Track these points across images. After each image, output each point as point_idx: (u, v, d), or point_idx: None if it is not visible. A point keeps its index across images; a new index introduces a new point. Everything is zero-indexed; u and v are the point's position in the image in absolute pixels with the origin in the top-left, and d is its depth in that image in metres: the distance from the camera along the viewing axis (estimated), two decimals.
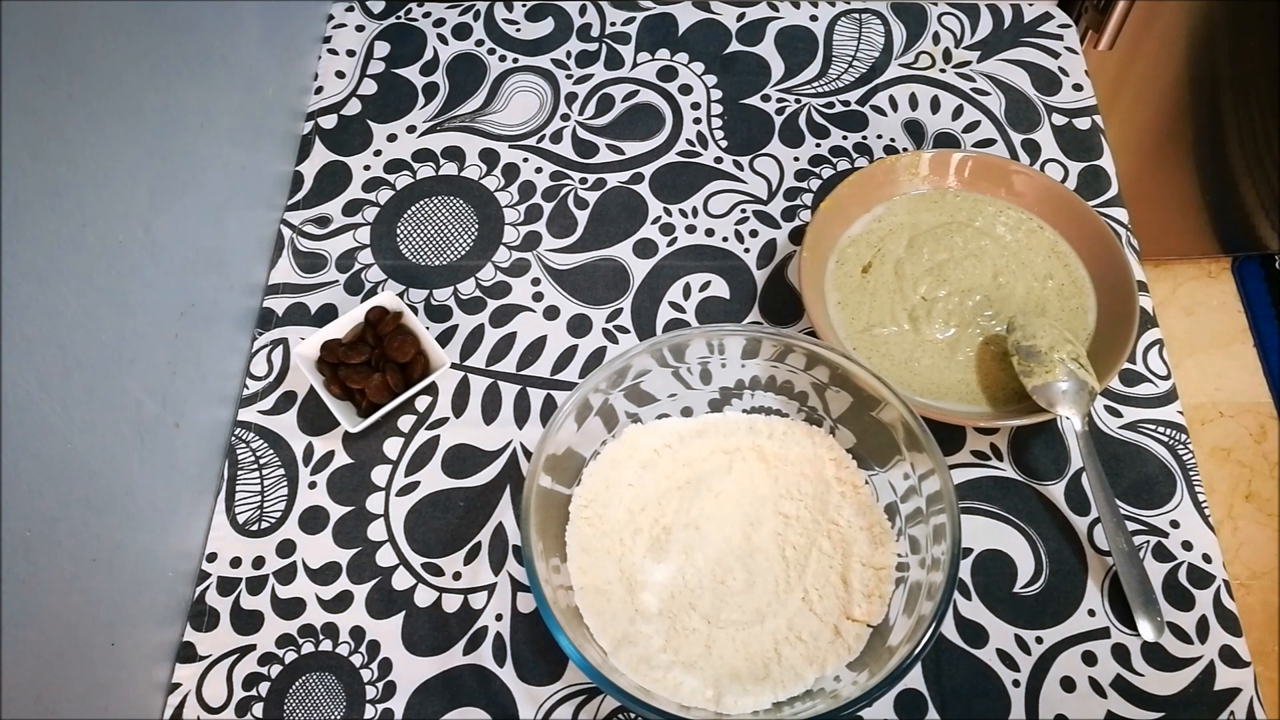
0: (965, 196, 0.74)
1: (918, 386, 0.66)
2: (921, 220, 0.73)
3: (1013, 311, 0.68)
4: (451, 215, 0.78)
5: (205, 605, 0.64)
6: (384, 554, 0.66)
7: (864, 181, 0.72)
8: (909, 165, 0.73)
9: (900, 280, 0.70)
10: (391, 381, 0.67)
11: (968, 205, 0.73)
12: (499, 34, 0.87)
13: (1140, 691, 0.60)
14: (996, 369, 0.67)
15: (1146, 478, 0.67)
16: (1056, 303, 0.70)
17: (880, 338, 0.68)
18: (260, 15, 0.74)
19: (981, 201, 0.73)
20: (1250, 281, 1.53)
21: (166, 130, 0.61)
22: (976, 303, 0.69)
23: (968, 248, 0.71)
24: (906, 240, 0.72)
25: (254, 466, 0.68)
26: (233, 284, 0.71)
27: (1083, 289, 0.70)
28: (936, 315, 0.69)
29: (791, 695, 0.57)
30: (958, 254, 0.71)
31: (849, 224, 0.73)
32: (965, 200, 0.74)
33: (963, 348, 0.68)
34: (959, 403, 0.66)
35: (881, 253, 0.72)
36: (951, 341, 0.68)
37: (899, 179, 0.73)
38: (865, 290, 0.70)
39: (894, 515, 0.62)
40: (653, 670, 0.58)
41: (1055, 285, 0.70)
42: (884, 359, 0.68)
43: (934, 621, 0.52)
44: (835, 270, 0.71)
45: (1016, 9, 0.88)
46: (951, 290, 0.69)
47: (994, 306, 0.69)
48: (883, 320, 0.69)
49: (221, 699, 0.61)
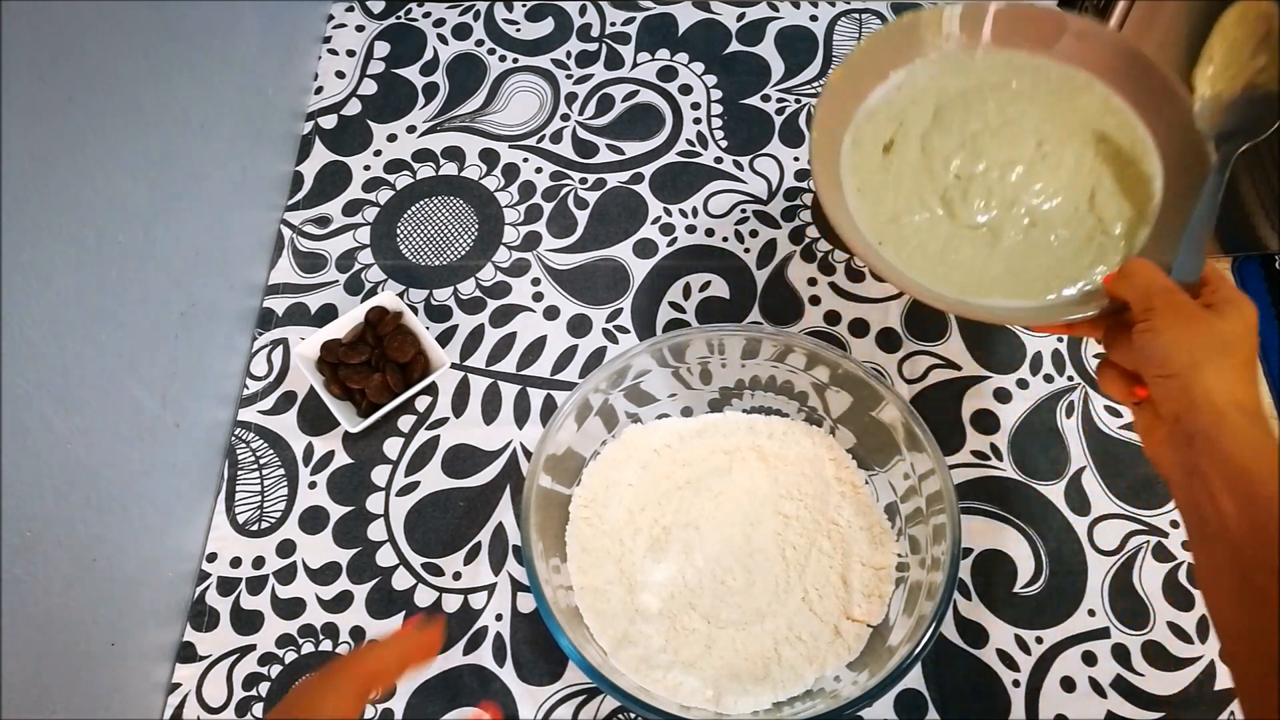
0: (998, 56, 0.62)
1: (957, 283, 0.56)
2: (948, 86, 0.61)
3: (1062, 185, 0.58)
4: (451, 215, 0.78)
5: (205, 605, 0.64)
6: (384, 554, 0.66)
7: (880, 45, 0.62)
8: (932, 23, 0.62)
9: (928, 158, 0.60)
10: (391, 381, 0.67)
11: (1000, 65, 0.62)
12: (499, 34, 0.87)
13: (1140, 691, 0.60)
14: (1048, 255, 0.57)
15: (1147, 478, 0.67)
16: (1112, 171, 0.58)
17: (910, 228, 0.58)
18: (260, 15, 0.74)
19: (1017, 59, 0.62)
20: (1250, 281, 1.53)
21: (166, 130, 0.61)
22: (1019, 177, 0.58)
23: (1005, 114, 0.60)
24: (932, 110, 0.61)
25: (254, 466, 0.68)
26: (233, 284, 0.71)
27: (1145, 152, 0.58)
28: (974, 195, 0.58)
29: (791, 695, 0.58)
30: (993, 122, 0.60)
31: (863, 97, 0.62)
32: (998, 60, 0.62)
33: (1007, 232, 0.57)
34: (1008, 298, 0.56)
35: (904, 127, 0.60)
36: (994, 226, 0.57)
37: (922, 40, 0.62)
38: (889, 173, 0.59)
39: (894, 515, 0.62)
40: (653, 670, 0.58)
41: (1109, 150, 0.59)
42: (916, 253, 0.57)
43: (934, 621, 0.52)
44: (851, 152, 0.60)
45: None
46: (990, 165, 0.59)
47: (1040, 179, 0.58)
48: (911, 206, 0.58)
49: (221, 699, 0.61)
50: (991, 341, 0.72)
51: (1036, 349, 0.72)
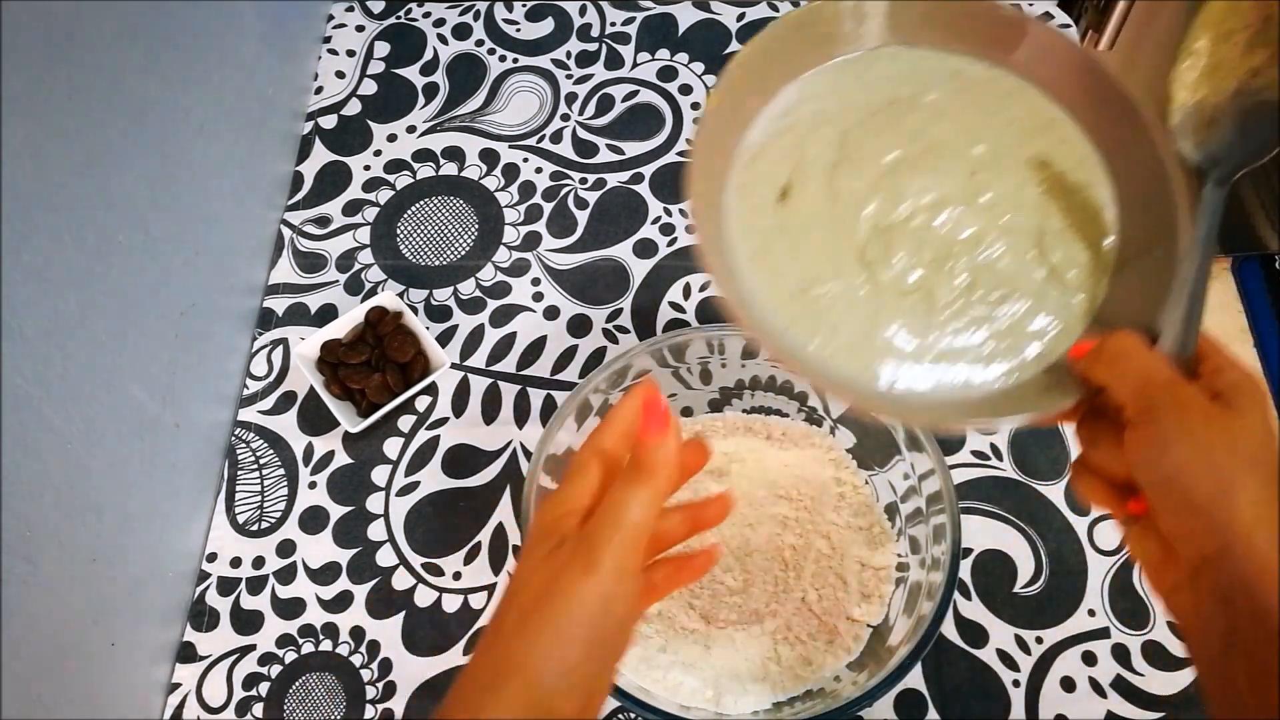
0: (904, 55, 0.49)
1: (890, 370, 0.43)
2: (851, 102, 0.48)
3: (1004, 227, 0.45)
4: (451, 215, 0.78)
5: (205, 605, 0.64)
6: (384, 554, 0.66)
7: (765, 54, 0.47)
8: (822, 18, 0.48)
9: (837, 202, 0.46)
10: (391, 381, 0.67)
11: (909, 69, 0.49)
12: (499, 34, 0.87)
13: (1140, 691, 0.60)
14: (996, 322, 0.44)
15: None
16: (1060, 204, 0.46)
17: (823, 301, 0.44)
18: (260, 15, 0.74)
19: (928, 60, 0.49)
20: (1250, 281, 1.53)
21: (166, 130, 0.61)
22: (952, 221, 0.45)
23: (925, 137, 0.47)
24: (836, 137, 0.47)
25: (254, 466, 0.68)
26: (233, 284, 0.71)
27: (1093, 175, 0.46)
28: (900, 248, 0.45)
29: (791, 695, 0.58)
30: (912, 150, 0.47)
31: (745, 126, 0.48)
32: (904, 63, 0.49)
33: (944, 295, 0.44)
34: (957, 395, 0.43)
35: (803, 165, 0.47)
36: (928, 288, 0.44)
37: (815, 42, 0.49)
38: (789, 229, 0.46)
39: (894, 515, 0.62)
40: (652, 670, 0.58)
41: (1052, 177, 0.47)
42: (835, 335, 0.43)
43: (934, 621, 0.52)
44: (739, 203, 0.46)
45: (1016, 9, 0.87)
46: (914, 207, 0.46)
47: (977, 221, 0.45)
48: (821, 271, 0.45)
49: (221, 699, 0.61)
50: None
51: None
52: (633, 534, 0.32)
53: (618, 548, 0.32)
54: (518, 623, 0.32)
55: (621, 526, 0.32)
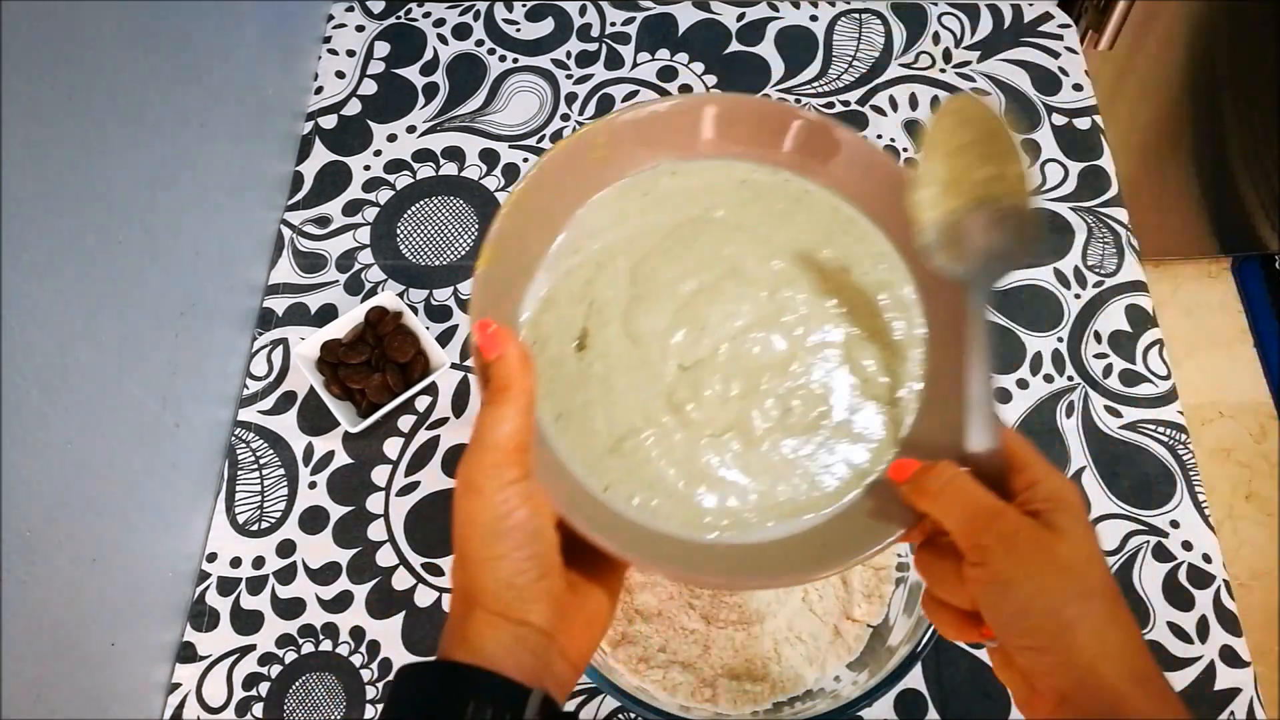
0: (686, 169, 0.46)
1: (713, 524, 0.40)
2: (637, 229, 0.45)
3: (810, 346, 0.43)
4: (451, 215, 0.78)
5: (205, 605, 0.64)
6: (384, 554, 0.66)
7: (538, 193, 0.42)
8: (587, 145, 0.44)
9: (638, 345, 0.43)
10: (391, 381, 0.67)
11: (692, 184, 0.46)
12: (499, 34, 0.87)
13: None
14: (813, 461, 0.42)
15: (1146, 478, 0.67)
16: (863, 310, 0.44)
17: (639, 455, 0.41)
18: (260, 15, 0.74)
19: (709, 171, 0.46)
20: (1250, 282, 1.53)
21: (166, 130, 0.61)
22: (759, 345, 0.43)
23: (720, 259, 0.44)
24: (628, 271, 0.44)
25: (254, 466, 0.68)
26: (233, 284, 0.71)
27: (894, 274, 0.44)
28: (709, 385, 0.42)
29: (791, 695, 0.58)
30: (709, 276, 0.44)
31: (531, 275, 0.43)
32: (689, 177, 0.46)
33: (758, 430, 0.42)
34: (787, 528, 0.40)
35: (596, 306, 0.43)
36: (742, 425, 0.42)
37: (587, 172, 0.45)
38: (591, 380, 0.42)
39: None
40: (652, 670, 0.58)
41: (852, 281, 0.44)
42: (654, 492, 0.40)
43: None
44: (537, 360, 0.41)
45: (1016, 9, 0.88)
46: (718, 339, 0.43)
47: (783, 342, 0.43)
48: (633, 422, 0.41)
49: (221, 699, 0.61)
50: (992, 341, 0.72)
51: (1036, 349, 0.72)
52: (499, 448, 0.35)
53: (490, 465, 0.35)
54: (456, 560, 0.36)
55: (487, 446, 0.35)
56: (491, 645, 0.34)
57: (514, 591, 0.34)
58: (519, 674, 0.34)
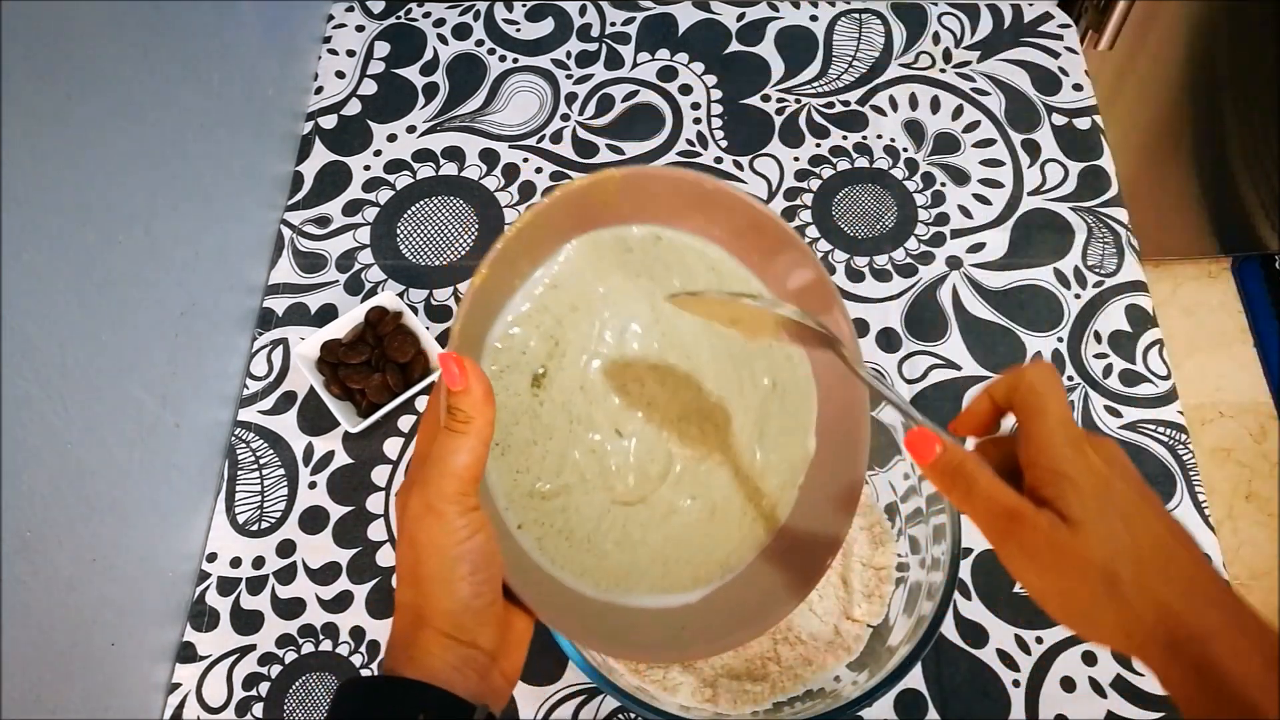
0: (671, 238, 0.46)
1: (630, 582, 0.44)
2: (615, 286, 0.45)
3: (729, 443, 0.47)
4: (451, 215, 0.78)
5: (205, 605, 0.64)
6: (384, 554, 0.66)
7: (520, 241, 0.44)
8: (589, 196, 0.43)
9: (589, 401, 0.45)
10: (391, 381, 0.67)
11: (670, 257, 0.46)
12: (499, 34, 0.87)
13: (1140, 691, 0.60)
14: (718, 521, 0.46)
15: (1146, 478, 0.66)
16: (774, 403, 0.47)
17: (556, 503, 0.43)
18: (260, 15, 0.74)
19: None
20: (1250, 281, 1.53)
21: (166, 130, 0.61)
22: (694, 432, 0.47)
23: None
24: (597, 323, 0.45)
25: (254, 466, 0.68)
26: (233, 284, 0.71)
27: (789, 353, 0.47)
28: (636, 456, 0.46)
29: (791, 696, 0.57)
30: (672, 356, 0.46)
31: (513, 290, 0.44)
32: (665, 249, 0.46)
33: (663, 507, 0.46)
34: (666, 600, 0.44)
35: (560, 348, 0.44)
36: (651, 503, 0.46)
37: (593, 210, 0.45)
38: (538, 419, 0.43)
39: (894, 515, 0.62)
40: (652, 670, 0.58)
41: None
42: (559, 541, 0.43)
43: (934, 621, 0.52)
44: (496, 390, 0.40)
45: (1016, 9, 0.88)
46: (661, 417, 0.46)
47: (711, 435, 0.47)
48: (561, 472, 0.44)
49: (221, 699, 0.61)
50: (991, 341, 0.72)
51: (1036, 348, 0.72)
52: (457, 476, 0.36)
53: (453, 491, 0.35)
54: (406, 579, 0.36)
55: (447, 472, 0.35)
56: (439, 664, 0.35)
57: (470, 614, 0.36)
58: (465, 692, 0.35)
